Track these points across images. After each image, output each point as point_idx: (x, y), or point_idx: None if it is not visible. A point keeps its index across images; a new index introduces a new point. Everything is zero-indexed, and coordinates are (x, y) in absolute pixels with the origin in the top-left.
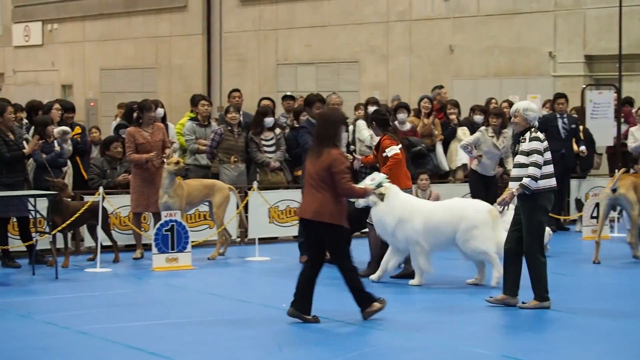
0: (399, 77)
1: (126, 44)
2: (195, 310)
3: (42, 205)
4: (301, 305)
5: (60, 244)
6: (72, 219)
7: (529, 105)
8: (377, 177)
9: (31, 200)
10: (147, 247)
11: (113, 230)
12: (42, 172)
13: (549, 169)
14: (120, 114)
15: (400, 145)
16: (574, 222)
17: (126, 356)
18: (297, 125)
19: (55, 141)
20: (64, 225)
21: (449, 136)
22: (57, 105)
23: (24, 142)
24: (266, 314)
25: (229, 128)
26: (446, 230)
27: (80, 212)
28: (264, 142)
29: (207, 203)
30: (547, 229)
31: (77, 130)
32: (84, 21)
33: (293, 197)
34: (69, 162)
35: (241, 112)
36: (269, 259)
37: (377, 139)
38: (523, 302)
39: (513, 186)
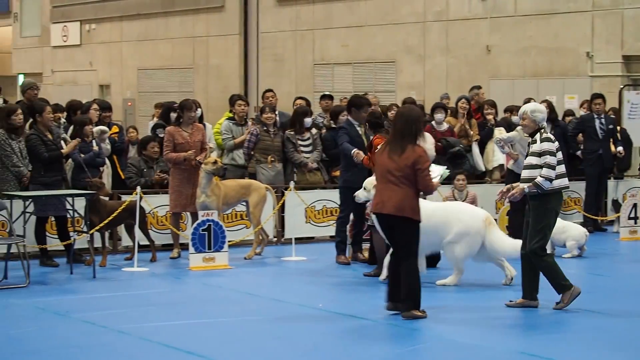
0: (436, 77)
1: (163, 44)
2: (231, 310)
3: (80, 204)
4: (398, 298)
5: (97, 243)
6: (109, 218)
7: (536, 107)
8: (437, 169)
9: (69, 199)
10: (184, 247)
11: (150, 230)
12: (80, 171)
13: (562, 168)
14: (157, 114)
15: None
16: (611, 222)
17: (163, 355)
18: (334, 126)
19: (93, 141)
20: (101, 224)
21: (485, 136)
22: (95, 105)
23: (62, 142)
24: (302, 314)
25: (265, 128)
26: (442, 232)
27: (117, 211)
28: (300, 142)
29: (244, 203)
30: (584, 230)
31: (115, 129)
32: (121, 21)
33: (330, 197)
34: (107, 162)
35: (277, 112)
36: (305, 259)
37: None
38: (557, 303)
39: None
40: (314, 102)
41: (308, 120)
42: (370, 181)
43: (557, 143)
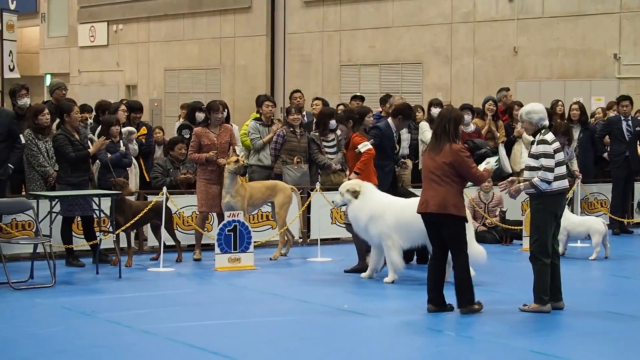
0: (463, 79)
1: (191, 45)
2: (257, 310)
3: (106, 204)
4: (437, 300)
5: (123, 243)
6: (135, 219)
7: (531, 108)
8: (491, 160)
9: (95, 199)
10: (209, 248)
11: (176, 230)
12: (107, 171)
13: (561, 170)
14: (183, 115)
15: (372, 141)
16: (637, 225)
17: (188, 355)
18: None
19: (121, 141)
20: (127, 225)
21: (513, 138)
22: (122, 106)
23: (89, 142)
24: (328, 314)
25: (291, 129)
26: (418, 226)
27: (143, 212)
28: (325, 144)
29: (269, 204)
30: (601, 219)
31: (143, 130)
32: (148, 22)
33: None
34: (134, 162)
35: (304, 113)
36: (330, 260)
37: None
38: (524, 305)
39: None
40: (343, 102)
41: (333, 122)
42: (344, 186)
43: (555, 144)
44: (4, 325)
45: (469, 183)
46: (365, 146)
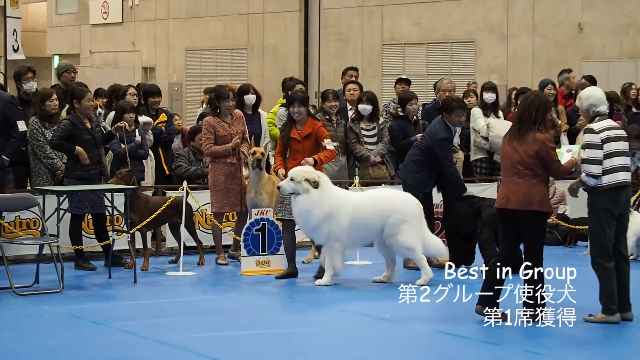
0: (520, 60)
1: (214, 22)
2: (287, 320)
3: (121, 200)
4: (491, 302)
5: (139, 244)
6: (152, 216)
7: (582, 94)
8: (574, 147)
9: (108, 195)
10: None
11: (198, 230)
12: (120, 164)
13: (617, 161)
14: (207, 100)
15: (336, 144)
16: None
17: None
18: (401, 114)
19: (136, 130)
20: (143, 223)
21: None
22: (131, 90)
23: (102, 131)
24: (367, 324)
25: (327, 117)
26: (374, 224)
27: (161, 209)
28: (364, 132)
29: None
30: None
31: (163, 117)
32: None
33: None
34: (151, 154)
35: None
36: (370, 263)
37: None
38: (590, 315)
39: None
40: (384, 87)
41: (362, 108)
42: (301, 174)
43: (603, 134)
44: (8, 335)
45: None
46: (330, 144)
